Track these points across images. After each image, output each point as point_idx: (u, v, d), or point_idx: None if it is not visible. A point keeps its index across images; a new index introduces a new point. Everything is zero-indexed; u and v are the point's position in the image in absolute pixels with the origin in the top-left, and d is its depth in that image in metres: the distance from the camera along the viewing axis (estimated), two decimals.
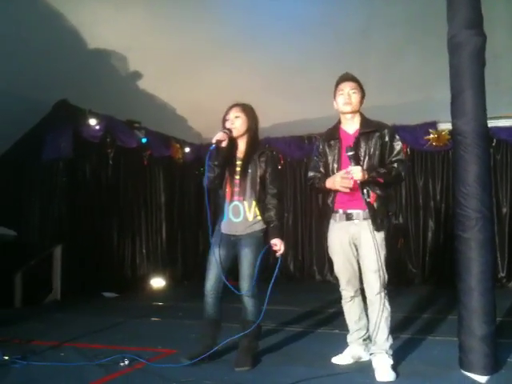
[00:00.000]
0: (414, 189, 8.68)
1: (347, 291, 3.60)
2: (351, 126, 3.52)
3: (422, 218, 8.60)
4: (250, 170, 3.63)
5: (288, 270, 9.39)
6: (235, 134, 3.65)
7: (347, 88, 3.46)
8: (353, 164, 3.33)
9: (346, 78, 3.51)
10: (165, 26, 6.10)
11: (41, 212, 7.52)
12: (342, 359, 3.64)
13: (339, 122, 3.60)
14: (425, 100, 7.17)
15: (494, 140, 8.12)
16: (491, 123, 7.42)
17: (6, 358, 3.71)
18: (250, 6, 5.86)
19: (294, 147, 9.42)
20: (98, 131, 7.76)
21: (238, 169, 3.66)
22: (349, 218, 3.46)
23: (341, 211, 3.49)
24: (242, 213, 3.62)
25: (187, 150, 9.61)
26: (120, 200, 8.42)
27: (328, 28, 6.25)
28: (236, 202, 3.63)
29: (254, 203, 3.62)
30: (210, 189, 3.67)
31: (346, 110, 3.47)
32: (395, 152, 3.45)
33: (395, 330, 3.99)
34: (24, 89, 6.55)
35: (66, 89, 6.96)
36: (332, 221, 3.56)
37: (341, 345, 3.74)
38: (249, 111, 3.75)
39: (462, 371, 3.22)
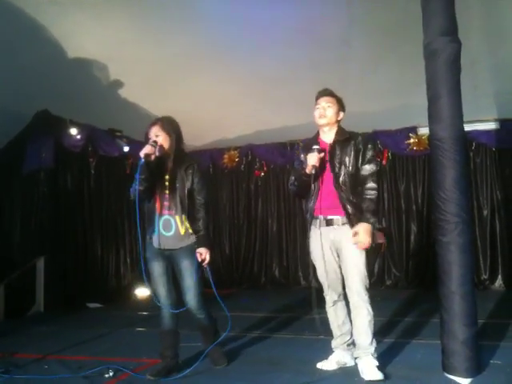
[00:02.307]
0: (396, 193, 8.75)
1: (330, 296, 3.64)
2: (328, 136, 3.65)
3: (404, 222, 8.66)
4: (177, 184, 3.65)
5: (273, 277, 9.40)
6: (158, 153, 3.58)
7: (323, 102, 3.62)
8: (330, 166, 3.50)
9: (323, 93, 3.67)
10: (147, 37, 6.10)
11: (22, 223, 7.44)
12: (327, 365, 3.67)
13: (318, 133, 3.72)
14: (405, 105, 7.24)
15: (474, 144, 8.24)
16: (470, 127, 7.65)
17: None
18: (230, 17, 5.88)
19: (277, 154, 9.46)
20: (80, 141, 7.72)
21: (167, 183, 3.65)
22: (329, 223, 3.54)
23: (321, 217, 3.57)
24: (173, 226, 3.64)
25: None
26: (103, 209, 8.37)
27: (307, 37, 6.28)
28: (167, 216, 3.64)
29: (184, 217, 3.64)
30: (134, 201, 3.54)
31: (321, 122, 3.62)
32: (366, 159, 3.53)
33: (379, 334, 4.03)
34: (4, 100, 6.50)
35: (47, 99, 6.92)
36: (313, 227, 3.64)
37: (326, 350, 3.77)
38: (170, 127, 3.71)
39: (445, 374, 3.27)
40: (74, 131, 7.54)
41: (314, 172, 3.48)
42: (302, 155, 3.68)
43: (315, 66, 6.63)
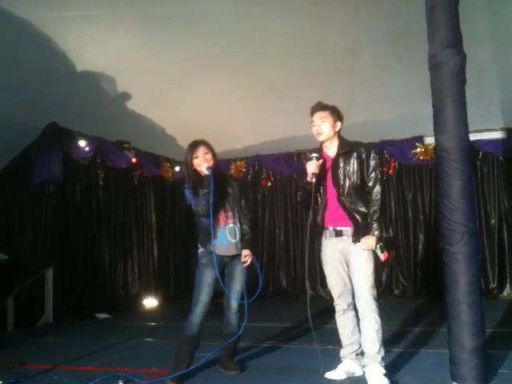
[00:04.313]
0: (403, 202, 8.76)
1: (340, 305, 3.66)
2: (331, 150, 3.67)
3: (411, 231, 8.66)
4: (230, 195, 4.03)
5: (281, 286, 9.41)
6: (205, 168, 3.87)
7: (317, 119, 3.62)
8: (333, 179, 3.53)
9: (315, 108, 3.66)
10: (152, 48, 6.18)
11: (32, 235, 7.51)
12: (335, 374, 3.66)
13: (322, 146, 3.73)
14: (411, 115, 7.27)
15: (481, 153, 8.24)
16: (477, 136, 7.66)
17: (0, 382, 3.71)
18: (237, 24, 5.94)
19: (284, 164, 9.50)
20: (88, 152, 7.80)
21: (221, 195, 3.93)
22: (338, 234, 3.58)
23: (331, 228, 3.62)
24: (237, 234, 3.97)
25: (177, 168, 9.65)
26: (111, 220, 8.42)
27: (314, 46, 6.35)
28: (231, 225, 3.97)
29: (239, 223, 4.00)
30: (202, 216, 3.88)
31: (320, 139, 3.64)
32: (370, 168, 3.55)
33: (387, 343, 4.03)
34: (13, 113, 6.58)
35: (56, 112, 7.01)
36: (323, 237, 3.69)
37: (334, 360, 3.77)
38: (211, 147, 4.04)
39: (454, 383, 3.26)
40: (82, 143, 7.62)
41: (314, 180, 3.50)
42: (303, 163, 3.72)
43: (322, 76, 6.67)
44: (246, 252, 3.96)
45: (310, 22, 5.98)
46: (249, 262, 3.99)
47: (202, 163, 3.88)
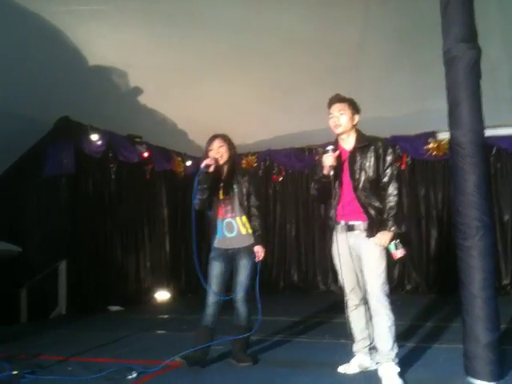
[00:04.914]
0: (416, 198, 8.72)
1: (352, 300, 3.65)
2: (347, 143, 3.64)
3: (424, 227, 8.63)
4: (236, 190, 4.08)
5: (292, 281, 9.41)
6: (221, 161, 4.07)
7: (335, 111, 3.59)
8: (350, 173, 3.51)
9: (333, 100, 3.63)
10: (163, 42, 6.18)
11: (45, 227, 7.57)
12: (348, 368, 3.66)
13: (337, 140, 3.70)
14: (422, 111, 7.24)
15: (495, 149, 8.18)
16: (491, 132, 7.60)
17: (15, 372, 3.76)
18: (246, 21, 5.94)
19: (295, 159, 9.50)
20: (100, 146, 7.83)
21: (225, 189, 4.09)
22: (350, 229, 3.55)
23: (342, 222, 3.59)
24: (235, 228, 4.07)
25: (188, 163, 9.66)
26: (123, 214, 8.46)
27: (322, 43, 6.33)
28: (229, 219, 4.09)
29: (244, 218, 4.07)
30: (199, 210, 4.09)
31: (337, 131, 3.61)
32: (387, 164, 3.53)
33: (400, 338, 4.01)
34: (25, 108, 6.63)
35: (67, 106, 7.04)
36: (334, 232, 3.65)
37: (347, 354, 3.77)
38: (229, 141, 4.16)
39: (468, 378, 3.25)
40: (94, 137, 7.65)
41: (332, 173, 3.50)
42: (318, 158, 3.71)
43: (332, 72, 6.65)
44: (256, 248, 4.04)
45: (318, 19, 5.97)
46: (262, 257, 4.05)
47: (216, 155, 4.03)
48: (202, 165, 3.95)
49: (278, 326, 5.68)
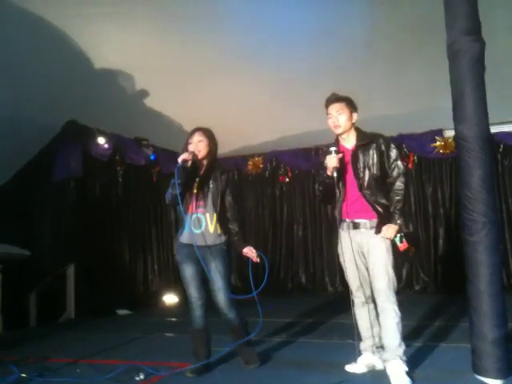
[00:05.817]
0: (423, 196, 8.66)
1: (359, 298, 3.64)
2: (348, 142, 3.63)
3: (432, 226, 8.57)
4: (211, 186, 3.88)
5: (300, 282, 9.39)
6: (199, 156, 3.89)
7: (333, 111, 3.57)
8: (354, 171, 3.50)
9: (331, 100, 3.61)
10: (169, 42, 6.20)
11: (53, 231, 7.61)
12: (355, 367, 3.65)
13: (338, 139, 3.69)
14: (430, 108, 7.19)
15: (502, 145, 8.13)
16: (498, 129, 7.55)
17: (24, 375, 3.78)
18: (255, 19, 5.95)
19: (301, 159, 9.47)
20: (107, 149, 7.87)
21: (199, 184, 3.89)
22: (356, 226, 3.55)
23: (348, 220, 3.58)
24: (203, 224, 3.85)
25: None
26: (130, 217, 8.49)
27: (332, 40, 6.33)
28: (198, 214, 3.86)
29: (215, 216, 3.84)
30: (169, 205, 3.96)
31: (337, 132, 3.60)
32: (391, 160, 3.51)
33: (408, 337, 4.00)
34: (32, 112, 6.66)
35: (74, 110, 7.08)
36: (340, 230, 3.65)
37: (354, 354, 3.75)
38: (210, 135, 3.97)
39: (476, 376, 3.22)
40: (101, 140, 7.70)
41: (336, 174, 3.49)
42: (321, 158, 3.70)
43: (339, 70, 6.64)
44: (245, 251, 3.88)
45: (327, 16, 5.96)
46: (255, 257, 3.86)
47: (194, 149, 3.87)
48: (180, 159, 3.79)
49: (286, 327, 5.67)
